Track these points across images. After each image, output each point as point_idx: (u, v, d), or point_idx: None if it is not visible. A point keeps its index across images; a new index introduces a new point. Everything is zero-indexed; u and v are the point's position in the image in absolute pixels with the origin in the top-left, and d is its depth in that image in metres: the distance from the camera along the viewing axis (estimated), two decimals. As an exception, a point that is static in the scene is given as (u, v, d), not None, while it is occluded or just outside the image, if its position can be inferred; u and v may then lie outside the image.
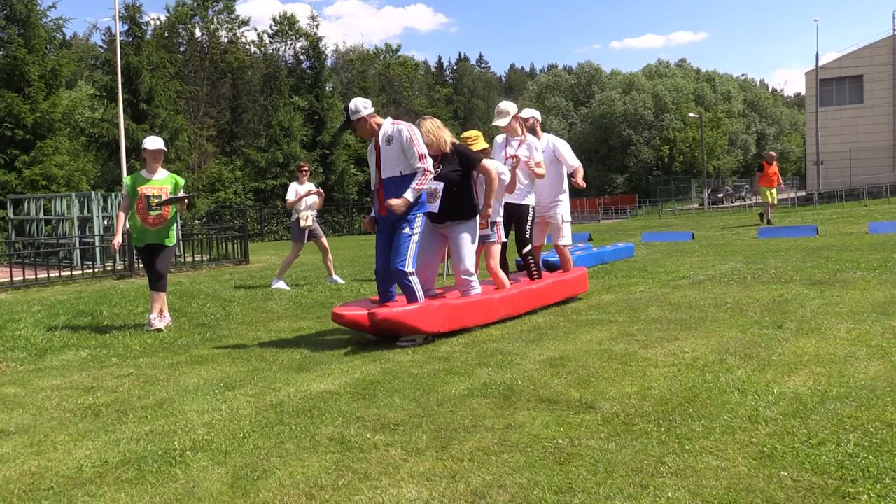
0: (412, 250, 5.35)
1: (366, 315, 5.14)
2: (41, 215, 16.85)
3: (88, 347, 5.84)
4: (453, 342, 5.24)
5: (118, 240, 6.61)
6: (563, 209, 7.01)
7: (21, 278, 11.50)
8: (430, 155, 5.53)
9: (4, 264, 11.90)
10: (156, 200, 6.55)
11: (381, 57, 70.04)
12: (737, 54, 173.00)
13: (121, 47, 16.50)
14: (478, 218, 5.87)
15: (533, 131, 6.83)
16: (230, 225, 21.38)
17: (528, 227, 6.58)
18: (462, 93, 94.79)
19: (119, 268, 13.27)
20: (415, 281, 5.37)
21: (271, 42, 55.26)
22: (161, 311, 6.71)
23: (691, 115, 53.67)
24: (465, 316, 5.56)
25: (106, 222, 15.49)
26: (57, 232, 16.15)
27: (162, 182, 6.72)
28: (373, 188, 5.59)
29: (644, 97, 60.14)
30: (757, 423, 3.07)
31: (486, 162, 5.81)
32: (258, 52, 53.88)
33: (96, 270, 13.16)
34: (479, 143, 6.26)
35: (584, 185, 7.03)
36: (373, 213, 5.67)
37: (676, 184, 56.18)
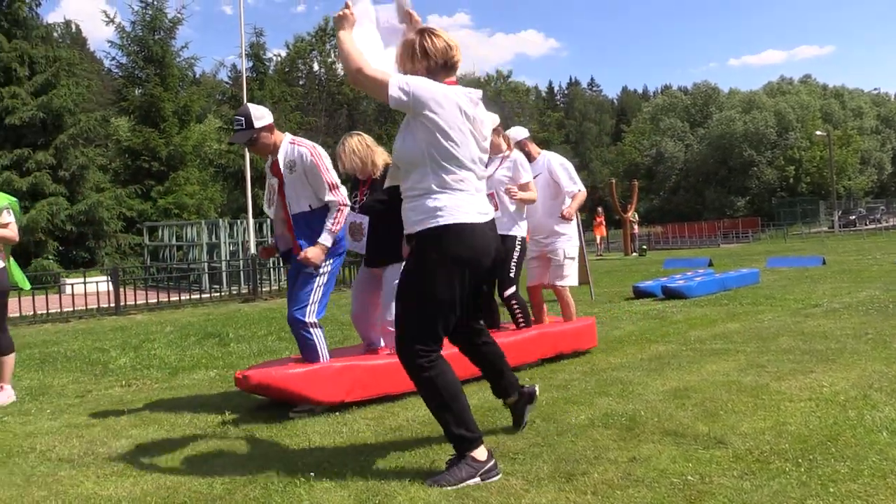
0: (316, 296, 4.45)
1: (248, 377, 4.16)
2: (173, 241, 18.01)
3: (216, 367, 6.11)
4: (571, 369, 5.12)
5: None
6: (568, 244, 5.79)
7: (155, 300, 12.27)
8: (359, 179, 4.82)
9: (140, 287, 12.73)
10: None
11: (493, 84, 70.69)
12: (868, 68, 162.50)
13: (246, 83, 17.45)
14: None
15: (526, 152, 5.77)
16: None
17: (512, 263, 5.42)
18: (574, 117, 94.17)
19: (244, 291, 13.90)
20: (317, 334, 4.46)
21: (385, 73, 56.93)
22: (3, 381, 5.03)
23: (818, 133, 51.02)
24: (383, 381, 4.36)
25: (232, 248, 16.32)
26: (187, 257, 17.16)
27: None
28: (273, 217, 4.61)
29: (766, 116, 57.61)
30: (912, 466, 2.80)
31: None
32: (373, 82, 55.60)
33: (223, 294, 13.85)
34: None
35: (571, 218, 5.76)
36: (272, 243, 4.78)
37: (803, 206, 53.18)
